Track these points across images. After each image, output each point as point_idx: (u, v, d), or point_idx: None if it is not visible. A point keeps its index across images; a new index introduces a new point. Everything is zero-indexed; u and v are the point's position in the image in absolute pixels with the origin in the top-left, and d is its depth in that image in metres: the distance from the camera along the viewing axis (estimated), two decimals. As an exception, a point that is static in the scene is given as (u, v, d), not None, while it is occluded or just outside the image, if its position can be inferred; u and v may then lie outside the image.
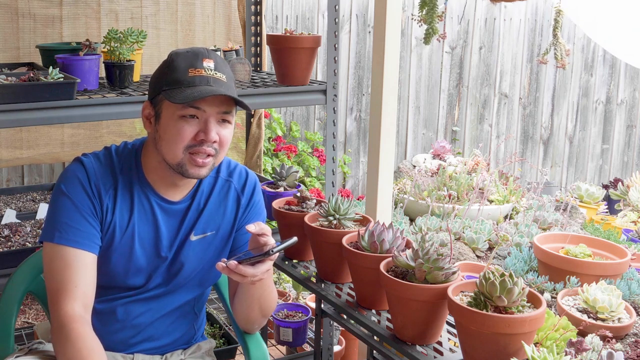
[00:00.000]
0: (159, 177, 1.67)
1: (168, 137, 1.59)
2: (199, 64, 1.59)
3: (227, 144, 1.64)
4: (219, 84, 1.58)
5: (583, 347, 1.41)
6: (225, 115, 1.61)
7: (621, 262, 1.93)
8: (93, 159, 1.65)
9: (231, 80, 1.64)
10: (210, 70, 1.59)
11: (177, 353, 1.80)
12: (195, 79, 1.57)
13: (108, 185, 1.64)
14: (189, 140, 1.58)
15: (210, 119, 1.58)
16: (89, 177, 1.62)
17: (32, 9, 2.97)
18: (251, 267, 1.49)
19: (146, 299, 1.71)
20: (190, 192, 1.73)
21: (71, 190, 1.60)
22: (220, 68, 1.62)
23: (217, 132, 1.60)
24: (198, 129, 1.58)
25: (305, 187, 3.66)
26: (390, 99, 2.27)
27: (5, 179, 3.36)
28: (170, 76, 1.59)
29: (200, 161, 1.59)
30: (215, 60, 1.62)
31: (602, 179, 5.27)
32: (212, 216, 1.75)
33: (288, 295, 3.31)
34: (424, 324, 1.60)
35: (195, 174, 1.61)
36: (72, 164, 1.65)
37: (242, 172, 1.82)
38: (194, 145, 1.58)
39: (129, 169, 1.67)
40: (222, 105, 1.59)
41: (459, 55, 4.60)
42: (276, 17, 3.93)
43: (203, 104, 1.57)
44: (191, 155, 1.59)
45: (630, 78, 5.24)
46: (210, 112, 1.58)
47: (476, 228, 2.45)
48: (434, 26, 2.39)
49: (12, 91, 2.07)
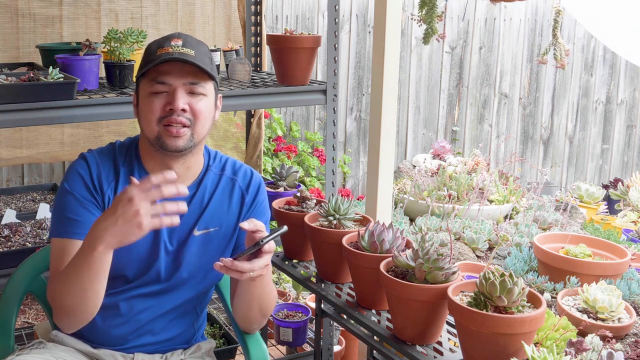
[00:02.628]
0: (154, 163, 1.72)
1: (143, 114, 1.66)
2: (166, 44, 1.65)
3: (203, 115, 1.66)
4: (185, 57, 1.62)
5: (583, 347, 1.41)
6: (193, 86, 1.65)
7: (621, 262, 1.93)
8: (96, 153, 1.72)
9: (202, 55, 1.67)
10: (177, 47, 1.64)
11: (177, 353, 1.81)
12: (161, 56, 1.62)
13: (110, 178, 1.69)
14: (159, 112, 1.63)
15: (177, 89, 1.63)
16: (91, 170, 1.68)
17: (32, 9, 2.97)
18: (247, 262, 1.50)
19: (148, 294, 1.71)
20: (192, 183, 1.74)
21: (73, 186, 1.66)
22: (190, 45, 1.66)
23: (188, 102, 1.64)
24: (167, 101, 1.63)
25: (305, 187, 3.66)
26: (390, 99, 2.27)
27: (5, 179, 3.36)
28: (144, 60, 1.68)
29: (174, 130, 1.63)
30: (185, 39, 1.67)
31: (602, 179, 5.27)
32: (216, 212, 1.76)
33: (288, 295, 3.31)
34: (424, 324, 1.60)
35: (172, 145, 1.64)
36: (75, 161, 1.71)
37: (247, 172, 1.84)
38: (165, 116, 1.63)
39: (130, 160, 1.73)
40: (188, 76, 1.64)
41: (459, 55, 4.60)
42: (276, 17, 3.93)
43: (167, 78, 1.62)
44: (165, 127, 1.63)
45: (630, 78, 5.24)
46: (176, 84, 1.63)
47: (476, 228, 2.45)
48: (433, 26, 2.39)
49: (12, 91, 2.07)
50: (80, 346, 1.73)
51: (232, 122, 3.52)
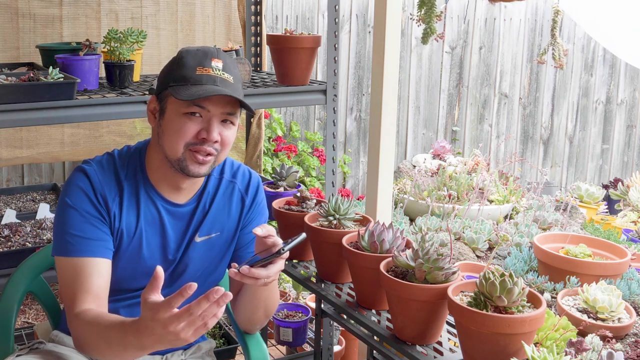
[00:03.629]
0: (162, 177, 1.67)
1: (170, 132, 1.59)
2: (207, 63, 1.59)
3: (229, 144, 1.63)
4: (225, 85, 1.58)
5: (583, 347, 1.41)
6: (229, 116, 1.61)
7: (621, 262, 1.93)
8: (96, 167, 1.64)
9: (238, 82, 1.64)
10: (218, 70, 1.59)
11: (178, 353, 1.81)
12: (203, 77, 1.57)
13: (114, 193, 1.63)
14: (191, 137, 1.58)
15: (213, 118, 1.58)
16: (94, 187, 1.61)
17: (32, 9, 2.97)
18: (264, 269, 1.49)
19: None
20: (196, 194, 1.73)
21: (76, 201, 1.59)
22: (229, 69, 1.62)
23: (220, 132, 1.60)
24: (201, 127, 1.58)
25: (305, 187, 3.66)
26: (390, 99, 2.27)
27: (5, 179, 3.36)
28: (178, 73, 1.59)
29: (201, 158, 1.59)
30: (225, 60, 1.62)
31: (602, 179, 5.27)
32: (217, 217, 1.75)
33: (288, 295, 3.31)
34: (424, 324, 1.60)
35: (195, 171, 1.60)
36: (74, 174, 1.63)
37: (246, 173, 1.82)
38: (195, 144, 1.58)
39: (134, 173, 1.66)
40: (227, 106, 1.59)
41: (459, 55, 4.60)
42: (276, 17, 3.93)
43: (207, 103, 1.57)
44: (191, 152, 1.59)
45: (630, 78, 5.24)
46: (214, 112, 1.58)
47: (476, 228, 2.45)
48: (432, 26, 2.39)
49: (12, 91, 2.07)
50: (81, 346, 1.72)
51: (232, 122, 3.51)
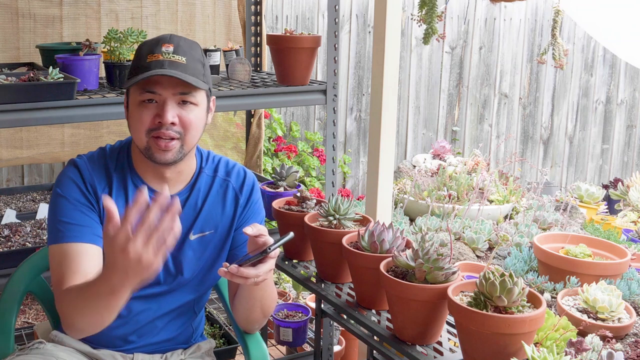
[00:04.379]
0: (146, 169, 1.69)
1: (133, 123, 1.62)
2: (157, 50, 1.59)
3: (193, 126, 1.62)
4: (175, 66, 1.57)
5: (583, 347, 1.41)
6: (184, 96, 1.60)
7: (621, 262, 1.93)
8: (87, 159, 1.68)
9: (193, 62, 1.62)
10: (168, 54, 1.59)
11: (177, 353, 1.81)
12: (151, 64, 1.57)
13: (103, 184, 1.66)
14: (149, 124, 1.58)
15: (167, 101, 1.58)
16: (83, 176, 1.65)
17: (32, 9, 2.97)
18: (253, 268, 1.48)
19: (147, 296, 1.71)
20: (185, 187, 1.73)
21: (66, 190, 1.63)
22: (181, 51, 1.61)
23: (178, 114, 1.59)
24: (156, 112, 1.59)
25: (305, 187, 3.66)
26: (390, 99, 2.27)
27: (5, 179, 3.36)
28: (133, 64, 1.63)
29: (163, 144, 1.59)
30: (177, 44, 1.61)
31: (602, 179, 5.27)
32: (210, 215, 1.75)
33: (288, 295, 3.31)
34: (424, 324, 1.60)
35: (161, 158, 1.61)
36: (66, 167, 1.68)
37: (241, 172, 1.81)
38: (154, 129, 1.59)
39: (122, 165, 1.70)
40: (178, 86, 1.58)
41: (459, 55, 4.60)
42: (276, 17, 3.93)
43: (157, 88, 1.57)
44: (154, 139, 1.59)
45: (630, 78, 5.24)
46: (166, 95, 1.58)
47: (476, 228, 2.45)
48: (433, 26, 2.39)
49: (12, 91, 2.07)
50: (80, 346, 1.73)
51: (232, 122, 3.52)
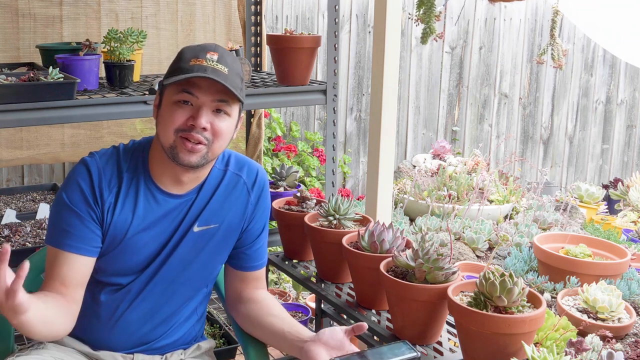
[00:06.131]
0: (163, 171, 1.67)
1: (163, 120, 1.61)
2: (202, 55, 1.60)
3: (223, 135, 1.62)
4: (217, 74, 1.58)
5: (583, 347, 1.41)
6: (221, 104, 1.60)
7: (621, 262, 1.93)
8: (99, 158, 1.66)
9: (234, 75, 1.62)
10: (212, 62, 1.59)
11: (177, 353, 1.80)
12: (194, 67, 1.58)
13: (113, 183, 1.65)
14: (180, 123, 1.58)
15: (203, 106, 1.58)
16: (92, 178, 1.63)
17: (32, 9, 2.97)
18: None
19: (147, 295, 1.71)
20: (196, 187, 1.72)
21: (71, 197, 1.62)
22: (224, 61, 1.61)
23: (211, 121, 1.59)
24: (191, 114, 1.59)
25: (305, 187, 3.66)
26: (390, 99, 2.28)
27: (5, 179, 3.36)
28: (174, 65, 1.62)
29: (190, 145, 1.58)
30: (222, 54, 1.62)
31: (602, 179, 5.27)
32: (218, 209, 1.73)
33: (288, 295, 3.31)
34: (424, 324, 1.60)
35: (185, 159, 1.60)
36: (76, 167, 1.66)
37: (253, 168, 1.79)
38: (184, 130, 1.58)
39: (135, 166, 1.68)
40: (217, 94, 1.59)
41: (459, 55, 4.60)
42: (276, 17, 3.93)
43: (197, 91, 1.57)
44: (182, 139, 1.59)
45: (630, 78, 5.24)
46: (204, 100, 1.58)
47: (476, 228, 2.45)
48: (431, 26, 2.39)
49: (12, 91, 2.07)
50: (80, 347, 1.73)
51: (232, 122, 3.51)
